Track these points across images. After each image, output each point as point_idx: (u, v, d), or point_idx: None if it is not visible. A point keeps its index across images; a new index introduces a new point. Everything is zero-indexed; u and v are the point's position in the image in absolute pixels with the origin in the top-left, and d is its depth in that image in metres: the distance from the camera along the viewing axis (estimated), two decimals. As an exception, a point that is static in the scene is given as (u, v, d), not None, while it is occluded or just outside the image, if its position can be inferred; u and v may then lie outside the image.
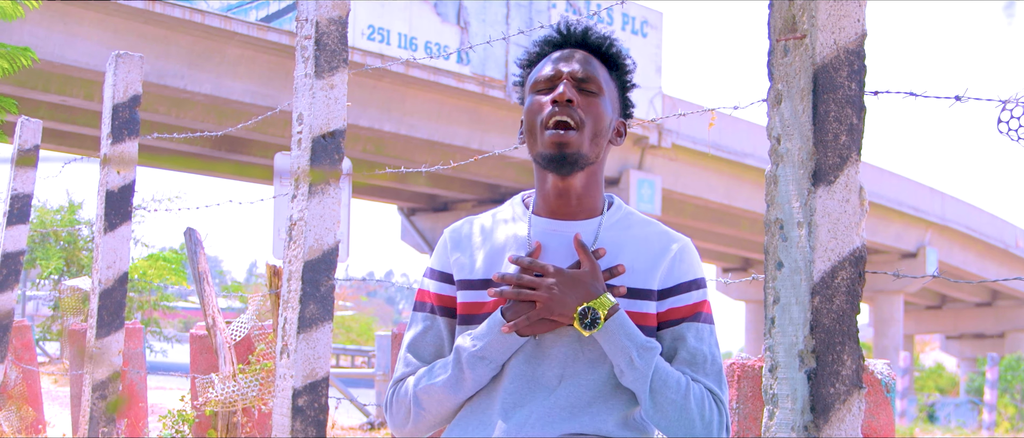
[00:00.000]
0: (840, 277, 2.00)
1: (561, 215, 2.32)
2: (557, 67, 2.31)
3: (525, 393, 2.27)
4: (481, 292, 2.33)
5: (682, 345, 2.28)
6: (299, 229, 4.19)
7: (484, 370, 2.26)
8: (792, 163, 1.95)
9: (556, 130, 2.26)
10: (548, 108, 2.28)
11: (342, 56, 4.15)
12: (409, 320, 2.47)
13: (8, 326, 7.82)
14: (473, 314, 2.33)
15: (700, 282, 2.33)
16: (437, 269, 2.42)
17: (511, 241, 2.34)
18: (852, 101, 1.90)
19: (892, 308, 39.24)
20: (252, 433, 6.10)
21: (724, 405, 2.28)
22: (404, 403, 2.37)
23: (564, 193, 2.31)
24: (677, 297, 2.29)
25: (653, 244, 2.32)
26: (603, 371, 2.27)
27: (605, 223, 2.32)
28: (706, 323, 2.31)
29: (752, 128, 30.79)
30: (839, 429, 2.04)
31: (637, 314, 2.27)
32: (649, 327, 2.29)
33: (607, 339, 2.21)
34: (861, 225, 2.01)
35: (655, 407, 2.20)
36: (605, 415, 2.26)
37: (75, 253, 21.44)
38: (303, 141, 4.16)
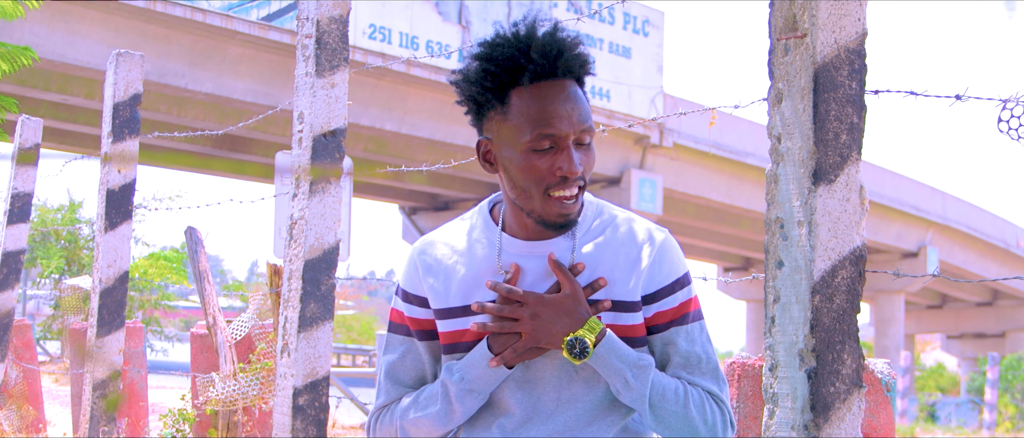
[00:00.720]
0: (840, 276, 2.00)
1: (536, 237, 2.23)
2: (560, 128, 2.12)
3: (524, 421, 2.23)
4: (460, 319, 2.24)
5: (674, 350, 2.23)
6: (300, 228, 4.19)
7: (473, 402, 2.20)
8: (793, 162, 1.94)
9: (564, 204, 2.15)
10: (554, 178, 2.13)
11: (343, 55, 4.15)
12: (385, 343, 2.37)
13: (9, 325, 7.82)
14: (457, 342, 2.25)
15: (684, 280, 2.25)
16: (410, 292, 2.31)
17: (485, 265, 2.24)
18: (853, 100, 1.90)
19: (893, 307, 39.24)
20: (253, 432, 6.10)
21: (725, 403, 2.24)
22: (389, 431, 2.30)
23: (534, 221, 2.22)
24: (662, 301, 2.22)
25: (631, 248, 2.22)
26: (599, 390, 2.22)
27: (580, 236, 2.23)
28: (695, 321, 2.24)
29: (753, 127, 30.78)
30: (839, 428, 2.03)
31: (624, 327, 2.20)
32: (638, 337, 2.24)
33: (599, 364, 2.14)
34: (862, 224, 2.00)
35: (657, 420, 2.17)
36: (605, 431, 2.24)
37: (76, 252, 21.44)
38: (304, 140, 4.16)
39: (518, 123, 2.14)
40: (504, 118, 2.17)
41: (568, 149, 2.14)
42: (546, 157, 2.14)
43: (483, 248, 2.27)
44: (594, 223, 2.25)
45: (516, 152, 2.15)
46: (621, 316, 2.21)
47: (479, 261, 2.26)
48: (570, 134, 2.14)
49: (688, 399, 2.18)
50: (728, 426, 2.23)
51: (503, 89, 2.16)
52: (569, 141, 2.14)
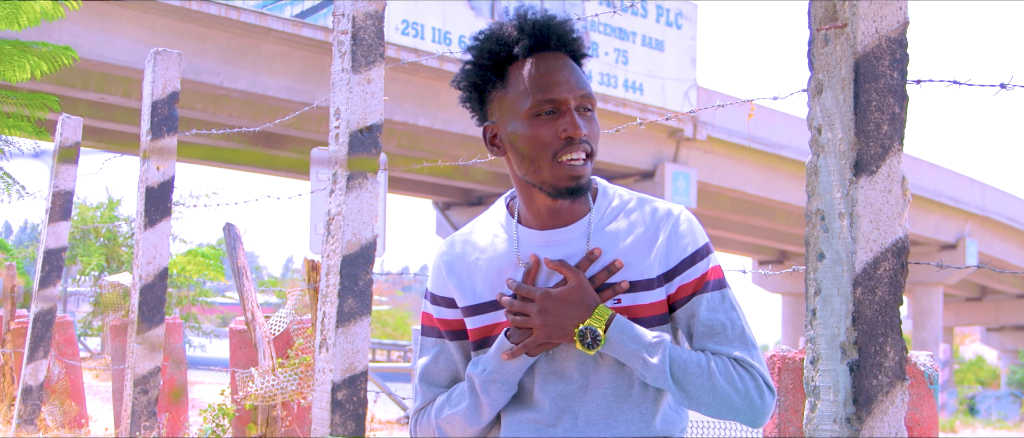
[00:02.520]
0: (882, 268, 1.99)
1: (552, 225, 2.24)
2: (560, 93, 2.16)
3: (555, 413, 2.23)
4: (487, 315, 2.26)
5: (696, 320, 2.21)
6: (337, 223, 4.20)
7: (499, 393, 2.21)
8: (833, 153, 1.93)
9: (573, 166, 2.16)
10: (559, 142, 2.15)
11: (379, 51, 4.16)
12: (419, 346, 2.41)
13: (51, 322, 7.90)
14: (486, 337, 2.27)
15: (702, 251, 2.23)
16: (437, 294, 2.34)
17: (504, 259, 2.26)
18: (894, 90, 1.89)
19: (931, 300, 38.97)
20: (291, 427, 6.13)
21: (755, 366, 2.19)
22: (428, 433, 2.33)
23: (558, 209, 2.23)
24: (683, 274, 2.21)
25: (646, 228, 2.22)
26: (624, 376, 2.23)
27: (594, 221, 2.24)
28: (716, 290, 2.22)
29: (788, 119, 30.62)
30: (882, 421, 2.02)
31: (645, 305, 2.21)
32: (661, 315, 2.24)
33: (614, 350, 2.14)
34: (904, 215, 1.99)
35: (686, 396, 2.16)
36: (638, 420, 2.23)
37: (115, 249, 21.62)
38: (341, 135, 4.18)
39: (518, 94, 2.19)
40: (504, 94, 2.22)
41: (570, 113, 2.16)
42: (549, 122, 2.17)
43: (502, 242, 2.28)
44: (608, 208, 2.25)
45: (519, 122, 2.19)
46: (640, 295, 2.21)
47: (499, 256, 2.27)
48: (570, 98, 2.16)
49: (712, 370, 2.16)
50: (764, 390, 2.19)
51: (501, 67, 2.23)
52: (570, 105, 2.17)
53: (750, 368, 2.20)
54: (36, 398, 7.81)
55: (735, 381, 2.16)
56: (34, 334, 7.79)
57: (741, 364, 2.19)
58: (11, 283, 10.14)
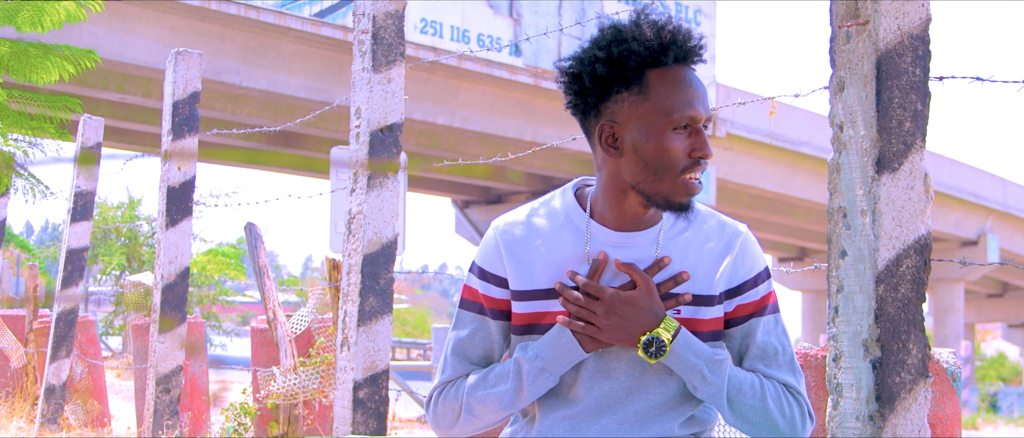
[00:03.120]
0: (905, 265, 1.98)
1: (624, 227, 2.23)
2: (698, 112, 2.16)
3: (593, 410, 2.24)
4: (542, 302, 2.24)
5: (751, 341, 2.23)
6: (358, 222, 4.21)
7: (545, 382, 2.20)
8: (855, 150, 1.93)
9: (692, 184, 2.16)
10: (689, 160, 2.15)
11: (399, 50, 4.17)
12: (455, 319, 2.36)
13: (74, 321, 7.94)
14: (534, 324, 2.26)
15: (763, 274, 2.26)
16: (489, 271, 2.30)
17: (571, 251, 2.24)
18: (917, 87, 1.89)
19: (952, 297, 38.84)
20: (313, 425, 6.15)
21: (802, 395, 2.21)
22: (452, 407, 2.28)
23: (641, 216, 2.23)
24: (744, 294, 2.22)
25: (714, 243, 2.23)
26: (672, 383, 2.22)
27: (665, 230, 2.24)
28: (772, 313, 2.24)
29: (808, 116, 30.55)
30: (905, 419, 2.02)
31: (705, 320, 2.21)
32: (718, 331, 2.25)
33: (676, 362, 2.14)
34: (926, 212, 1.99)
35: (735, 415, 2.17)
36: (673, 420, 2.24)
37: (136, 249, 21.71)
38: (361, 135, 4.19)
39: (659, 103, 2.16)
40: (642, 99, 2.17)
41: (701, 132, 2.17)
42: (684, 139, 2.16)
43: (570, 234, 2.26)
44: (677, 220, 2.25)
45: (654, 133, 2.16)
46: (700, 310, 2.22)
47: (566, 247, 2.25)
48: (703, 117, 2.17)
49: (765, 392, 2.17)
50: (806, 418, 2.21)
51: (641, 69, 2.17)
52: (700, 124, 2.17)
53: (797, 396, 2.22)
54: (59, 397, 7.85)
55: (784, 407, 2.18)
56: (57, 334, 7.84)
57: (790, 391, 2.22)
58: (33, 283, 10.18)
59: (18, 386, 9.59)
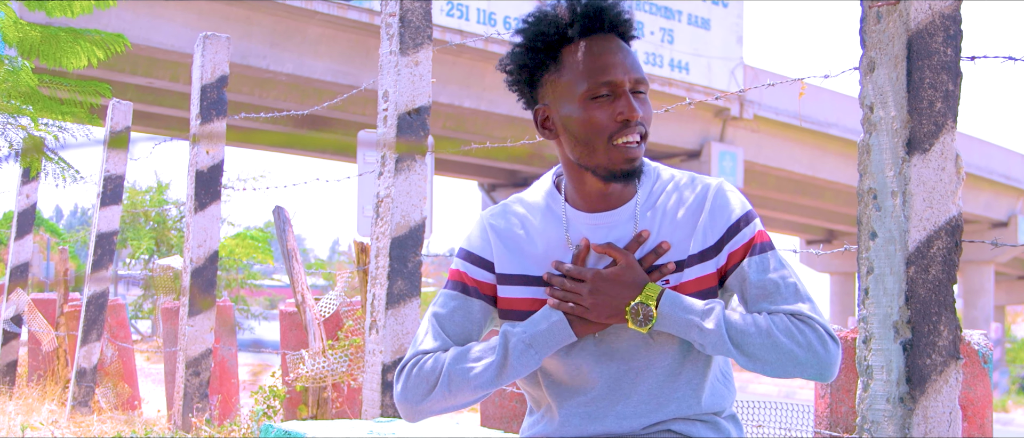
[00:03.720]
0: (936, 247, 1.98)
1: (600, 207, 2.24)
2: (616, 75, 2.17)
3: (607, 393, 2.24)
4: (522, 287, 2.26)
5: (747, 283, 2.19)
6: (386, 206, 4.22)
7: (529, 359, 2.18)
8: (886, 131, 1.92)
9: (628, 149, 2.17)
10: (615, 125, 2.16)
11: (426, 33, 4.17)
12: (436, 298, 2.36)
13: (104, 305, 8.00)
14: (515, 310, 2.27)
15: (745, 217, 2.21)
16: (477, 254, 2.32)
17: (553, 237, 2.27)
18: (948, 67, 1.88)
19: (982, 279, 38.59)
20: (342, 408, 6.17)
21: (813, 318, 2.14)
22: (427, 379, 2.25)
23: (607, 193, 2.24)
24: (728, 244, 2.20)
25: (689, 205, 2.22)
26: (674, 352, 2.22)
27: (641, 202, 2.24)
28: (762, 253, 2.19)
29: (836, 98, 30.36)
30: (936, 401, 2.01)
31: (696, 279, 2.20)
32: (711, 288, 2.23)
33: (668, 323, 2.13)
34: (957, 193, 1.98)
35: (749, 358, 2.13)
36: (689, 397, 2.23)
37: (164, 233, 21.81)
38: (389, 118, 4.19)
39: (573, 77, 2.20)
40: (558, 76, 2.22)
41: (626, 95, 2.17)
42: (605, 105, 2.17)
43: (551, 221, 2.28)
44: (653, 189, 2.25)
45: (575, 105, 2.19)
46: (691, 270, 2.20)
47: (548, 234, 2.27)
48: (625, 81, 2.17)
49: (771, 327, 2.12)
50: (827, 340, 2.13)
51: (554, 49, 2.22)
52: (625, 88, 2.17)
53: (808, 320, 2.14)
54: (90, 380, 7.91)
55: (796, 336, 2.11)
56: (87, 317, 7.89)
57: (798, 318, 2.14)
58: (64, 267, 10.26)
59: (49, 369, 9.67)
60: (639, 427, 2.22)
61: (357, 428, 3.28)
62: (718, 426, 2.26)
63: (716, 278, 2.22)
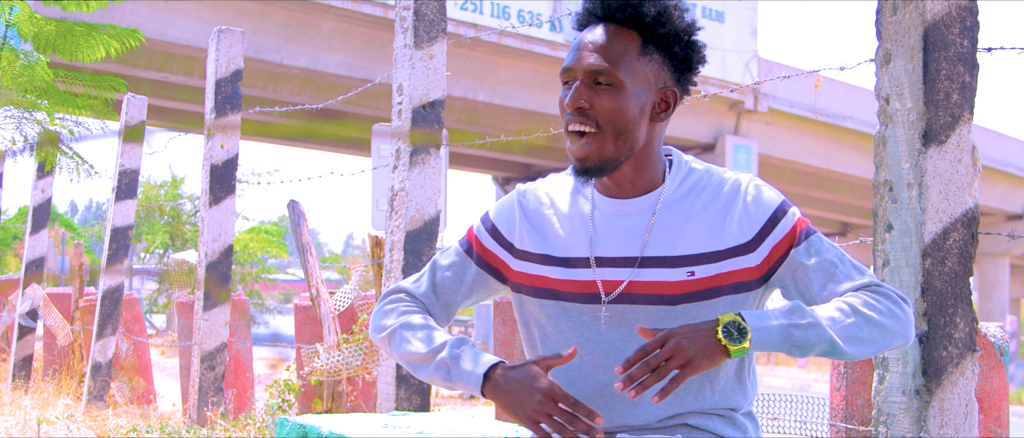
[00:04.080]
0: (952, 239, 1.97)
1: (620, 194, 2.23)
2: (569, 63, 2.18)
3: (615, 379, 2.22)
4: (544, 267, 2.26)
5: (804, 270, 2.15)
6: (400, 199, 4.22)
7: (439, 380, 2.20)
8: (902, 123, 1.91)
9: (573, 141, 2.18)
10: (564, 111, 2.19)
11: (441, 26, 4.17)
12: (445, 250, 2.41)
13: (119, 299, 8.02)
14: (529, 286, 2.28)
15: (781, 208, 2.17)
16: (497, 227, 2.34)
17: (577, 218, 2.27)
18: (964, 58, 1.87)
19: (998, 271, 38.49)
20: (357, 402, 6.18)
21: (881, 285, 2.11)
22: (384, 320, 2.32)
23: (615, 179, 2.23)
24: (769, 237, 2.17)
25: (718, 199, 2.20)
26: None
27: (666, 196, 2.22)
28: (809, 237, 2.15)
29: (851, 90, 30.29)
30: (952, 393, 2.01)
31: (731, 272, 2.17)
32: (751, 280, 2.21)
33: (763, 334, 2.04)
34: (974, 185, 1.97)
35: (850, 342, 2.04)
36: (706, 391, 2.22)
37: (179, 227, 21.88)
38: (403, 111, 4.19)
39: None
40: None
41: (574, 84, 2.18)
42: (565, 90, 2.20)
43: (579, 202, 2.29)
44: (680, 181, 2.23)
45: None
46: (717, 266, 2.17)
47: (573, 214, 2.28)
48: (577, 70, 2.17)
49: (855, 306, 2.06)
50: (900, 303, 2.07)
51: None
52: (577, 77, 2.17)
53: (880, 289, 2.11)
54: (105, 374, 7.94)
55: (879, 307, 2.07)
56: (102, 311, 7.92)
57: (870, 290, 2.10)
58: (79, 261, 10.29)
59: (65, 363, 9.70)
60: (653, 420, 2.22)
61: (372, 421, 3.28)
62: (735, 422, 2.25)
63: (757, 273, 2.18)
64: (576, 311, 2.23)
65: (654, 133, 2.22)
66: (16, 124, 7.11)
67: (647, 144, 2.21)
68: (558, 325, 2.26)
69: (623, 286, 2.19)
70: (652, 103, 2.20)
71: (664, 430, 2.22)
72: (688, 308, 2.17)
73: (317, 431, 3.10)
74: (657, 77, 2.20)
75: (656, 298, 2.19)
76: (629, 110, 2.16)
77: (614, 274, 2.21)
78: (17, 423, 6.64)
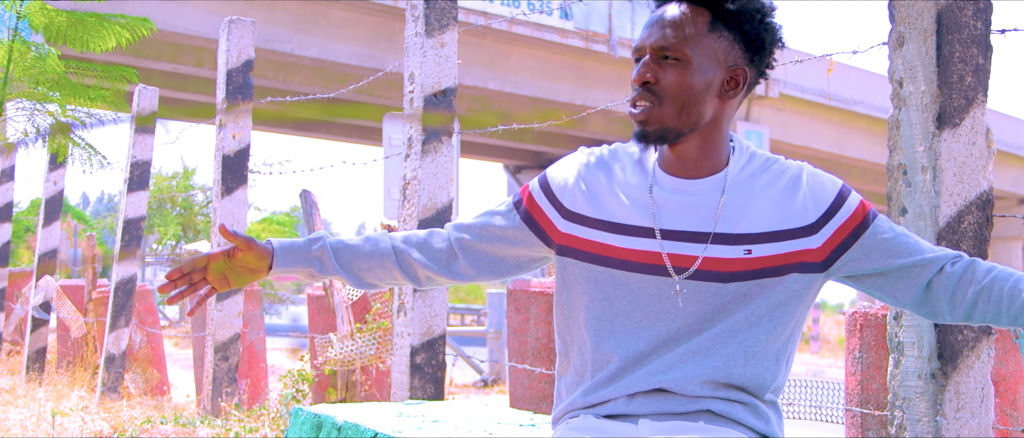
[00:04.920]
0: (967, 222, 1.96)
1: (684, 174, 2.25)
2: (640, 41, 2.24)
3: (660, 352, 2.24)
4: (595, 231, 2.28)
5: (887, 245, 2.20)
6: (413, 188, 4.22)
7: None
8: (916, 106, 1.91)
9: (635, 110, 2.23)
10: (634, 88, 2.24)
11: (452, 14, 4.16)
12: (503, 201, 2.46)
13: (132, 290, 8.04)
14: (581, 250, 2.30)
15: (844, 190, 2.23)
16: (551, 186, 2.37)
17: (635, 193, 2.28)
18: (978, 41, 1.86)
19: (1010, 255, 38.38)
20: (371, 391, 6.19)
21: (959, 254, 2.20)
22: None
23: (680, 156, 2.25)
24: (833, 219, 2.20)
25: (782, 182, 2.24)
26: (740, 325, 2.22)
27: (731, 177, 2.24)
28: (877, 219, 2.20)
29: (862, 75, 30.20)
30: (968, 377, 2.00)
31: (795, 252, 2.19)
32: (812, 262, 2.22)
33: None
34: (988, 168, 1.96)
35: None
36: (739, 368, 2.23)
37: (191, 218, 21.93)
38: (415, 100, 4.19)
39: None
40: None
41: (641, 61, 2.22)
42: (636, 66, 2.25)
43: (638, 176, 2.31)
44: (744, 164, 2.27)
45: None
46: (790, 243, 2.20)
47: (631, 186, 2.30)
48: (647, 46, 2.22)
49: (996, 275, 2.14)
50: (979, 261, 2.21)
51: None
52: (645, 53, 2.22)
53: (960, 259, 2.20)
54: (119, 366, 7.96)
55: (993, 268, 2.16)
56: (115, 303, 7.94)
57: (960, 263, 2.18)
58: (91, 253, 10.32)
59: (78, 355, 9.74)
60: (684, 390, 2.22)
61: (386, 410, 3.29)
62: (758, 410, 2.25)
63: (819, 256, 2.20)
64: (638, 281, 2.24)
65: (723, 111, 2.24)
66: (28, 116, 7.12)
67: (714, 121, 2.23)
68: (608, 292, 2.27)
69: (699, 262, 2.21)
70: (721, 80, 2.21)
71: (687, 417, 2.22)
72: (739, 287, 2.20)
73: (331, 421, 3.11)
74: (727, 55, 2.21)
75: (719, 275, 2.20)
76: (694, 85, 2.19)
77: (683, 248, 2.22)
78: (32, 415, 6.66)
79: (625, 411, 2.24)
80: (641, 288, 2.24)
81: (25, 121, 7.17)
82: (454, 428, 2.87)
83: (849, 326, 3.67)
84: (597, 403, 2.27)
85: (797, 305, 2.22)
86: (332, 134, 30.19)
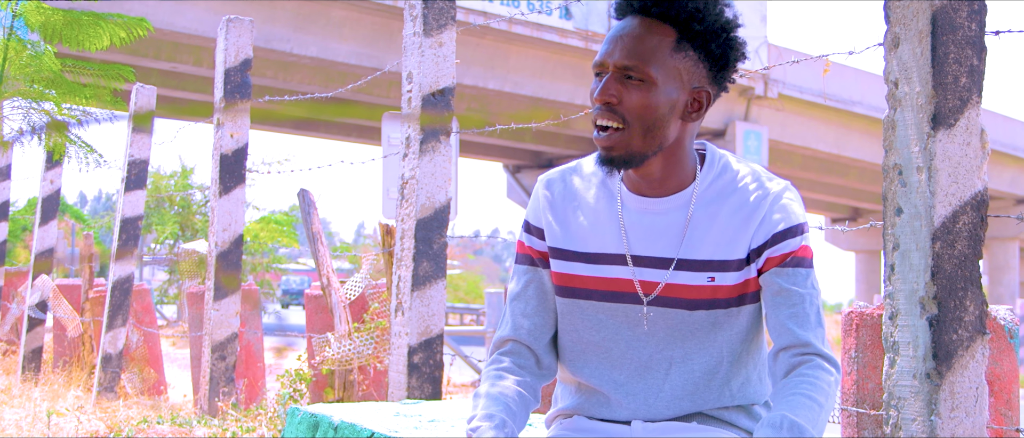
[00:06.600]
0: (962, 222, 1.96)
1: (649, 193, 2.19)
2: (605, 55, 2.13)
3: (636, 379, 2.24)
4: (570, 263, 2.24)
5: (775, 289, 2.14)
6: (411, 188, 4.23)
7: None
8: (911, 107, 1.91)
9: (599, 135, 2.14)
10: (594, 105, 2.14)
11: (450, 13, 4.17)
12: (512, 273, 2.36)
13: (129, 290, 8.04)
14: (563, 286, 2.25)
15: (795, 230, 2.16)
16: (532, 223, 2.31)
17: (604, 216, 2.22)
18: (972, 42, 1.86)
19: (1007, 255, 38.44)
20: (368, 391, 6.20)
21: (827, 355, 2.15)
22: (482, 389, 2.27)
23: (644, 176, 2.19)
24: (770, 249, 2.14)
25: (748, 206, 2.16)
26: (714, 352, 2.21)
27: (698, 196, 2.18)
28: (800, 267, 2.15)
29: (860, 75, 30.25)
30: (963, 376, 2.00)
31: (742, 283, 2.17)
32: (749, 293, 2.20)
33: None
34: (983, 168, 1.97)
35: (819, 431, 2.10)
36: (721, 391, 2.23)
37: (189, 217, 21.93)
38: (413, 99, 4.20)
39: None
40: None
41: (605, 78, 2.13)
42: (596, 83, 2.16)
43: (605, 199, 2.24)
44: (713, 181, 2.20)
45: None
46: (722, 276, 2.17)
47: (600, 212, 2.24)
48: (609, 63, 2.12)
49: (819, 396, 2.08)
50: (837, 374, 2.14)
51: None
52: (608, 70, 2.13)
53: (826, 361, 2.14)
54: (115, 366, 7.96)
55: (830, 389, 2.11)
56: (112, 302, 7.94)
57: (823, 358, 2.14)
58: (88, 252, 10.31)
59: (75, 355, 9.73)
60: (669, 415, 2.22)
61: (384, 410, 3.29)
62: (752, 413, 2.26)
63: (756, 283, 2.19)
64: (608, 310, 2.22)
65: (685, 132, 2.17)
66: (24, 114, 7.12)
67: (677, 142, 2.16)
68: (576, 324, 2.25)
69: (660, 288, 2.18)
70: (684, 102, 2.14)
71: (680, 417, 2.23)
72: (706, 315, 2.18)
73: (328, 420, 3.11)
74: (691, 75, 2.14)
75: (683, 302, 2.18)
76: (658, 107, 2.11)
77: (649, 275, 2.19)
78: (27, 415, 6.66)
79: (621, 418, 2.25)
80: (610, 317, 2.22)
81: (21, 119, 7.17)
82: (451, 428, 2.87)
83: (845, 326, 3.68)
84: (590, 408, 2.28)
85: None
86: (331, 133, 30.21)
